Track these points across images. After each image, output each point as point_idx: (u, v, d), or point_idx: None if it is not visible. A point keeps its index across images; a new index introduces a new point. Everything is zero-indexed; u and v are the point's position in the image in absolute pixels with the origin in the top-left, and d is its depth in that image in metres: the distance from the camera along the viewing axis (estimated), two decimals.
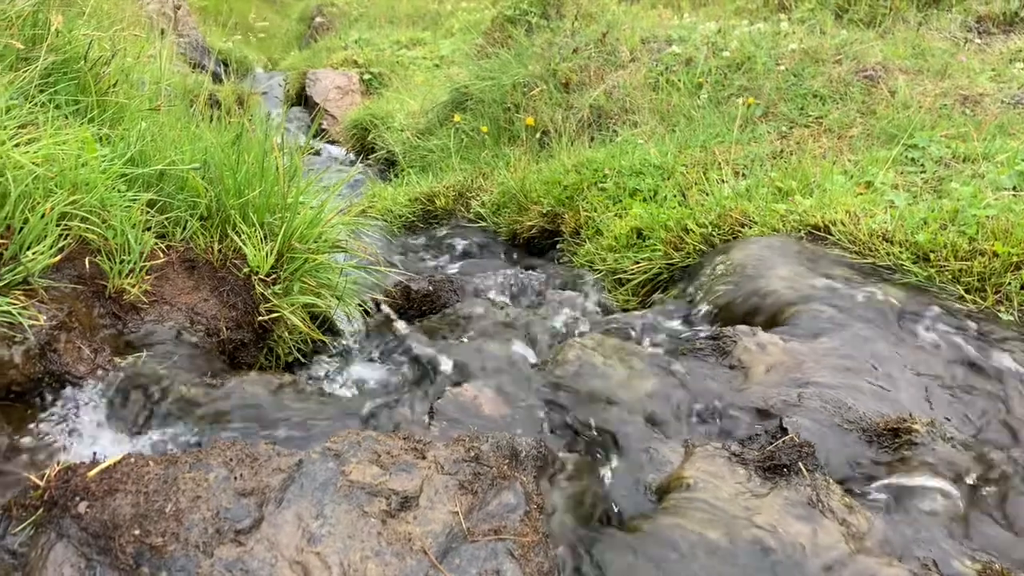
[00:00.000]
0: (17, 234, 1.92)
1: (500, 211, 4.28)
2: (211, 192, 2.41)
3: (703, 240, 3.09)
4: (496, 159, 4.77)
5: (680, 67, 4.84)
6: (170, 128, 2.71)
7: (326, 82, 8.37)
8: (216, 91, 7.71)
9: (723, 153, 3.79)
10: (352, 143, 6.90)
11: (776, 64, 4.42)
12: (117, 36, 2.79)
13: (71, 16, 2.71)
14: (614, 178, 3.82)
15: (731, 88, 4.43)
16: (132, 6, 9.08)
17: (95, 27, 2.89)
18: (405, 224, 4.53)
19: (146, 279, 2.17)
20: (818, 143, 3.73)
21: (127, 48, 2.82)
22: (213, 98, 7.37)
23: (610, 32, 5.30)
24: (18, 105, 2.21)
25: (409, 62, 8.67)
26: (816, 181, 3.27)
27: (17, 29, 2.41)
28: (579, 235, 3.73)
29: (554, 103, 4.95)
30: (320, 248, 2.45)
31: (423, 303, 3.08)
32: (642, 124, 4.50)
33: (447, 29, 11.96)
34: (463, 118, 5.53)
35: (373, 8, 14.97)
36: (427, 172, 5.32)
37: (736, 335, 2.32)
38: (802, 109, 4.00)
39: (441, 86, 7.16)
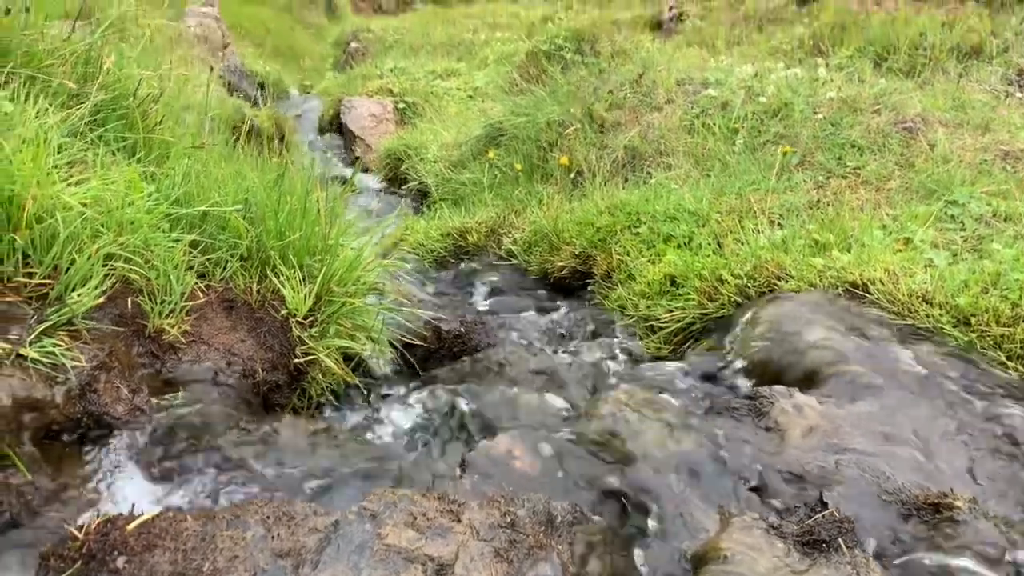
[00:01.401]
0: (64, 274, 1.94)
1: (532, 249, 4.29)
2: (252, 233, 2.43)
3: (738, 291, 3.07)
4: (529, 196, 4.79)
5: (716, 111, 4.84)
6: (214, 165, 2.74)
7: (361, 110, 8.46)
8: (254, 116, 7.81)
9: (759, 201, 3.77)
10: (385, 172, 6.96)
11: (814, 112, 4.41)
12: (164, 74, 2.83)
13: (122, 51, 2.76)
14: (648, 222, 3.82)
15: (767, 134, 4.42)
16: (175, 28, 9.27)
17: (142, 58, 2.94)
18: (437, 259, 4.55)
19: (185, 320, 2.19)
20: (855, 195, 3.71)
21: (173, 83, 2.87)
22: (252, 125, 7.47)
23: (646, 73, 5.32)
24: (69, 144, 2.25)
25: (443, 92, 8.75)
26: (854, 235, 3.24)
27: (70, 67, 2.46)
28: (611, 278, 3.72)
29: (588, 142, 4.96)
30: (358, 291, 2.46)
31: (455, 344, 3.08)
32: (676, 167, 4.50)
33: (481, 59, 12.08)
34: (496, 153, 5.56)
35: (408, 35, 15.17)
36: (459, 206, 5.35)
37: (773, 396, 2.29)
38: (839, 159, 3.98)
39: (475, 119, 7.21)
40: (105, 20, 2.79)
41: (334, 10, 36.14)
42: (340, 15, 35.90)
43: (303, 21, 33.34)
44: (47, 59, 2.42)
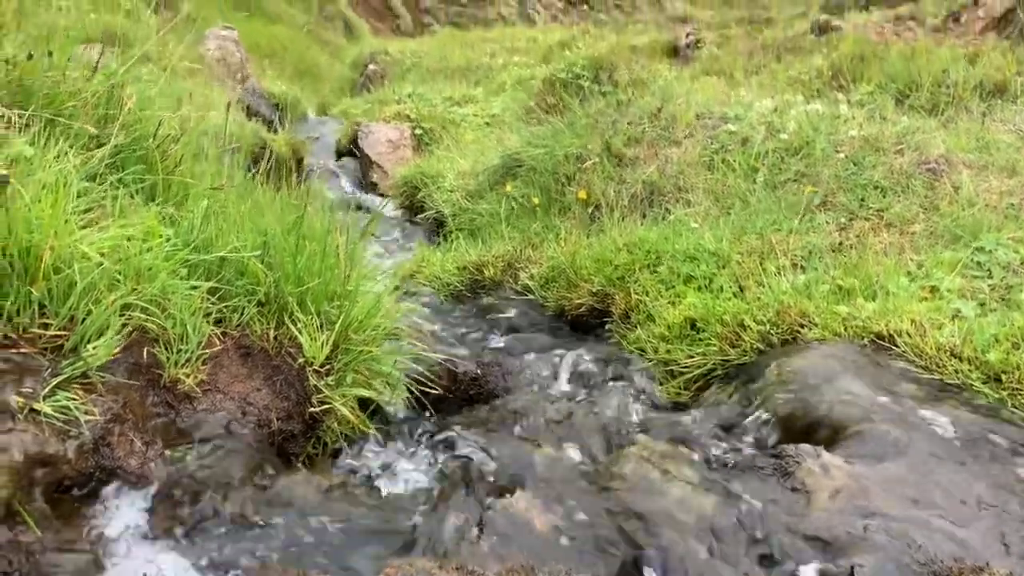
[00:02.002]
0: (80, 324, 1.92)
1: (548, 285, 4.24)
2: (270, 278, 2.40)
3: (760, 338, 3.01)
4: (546, 230, 4.76)
5: (736, 146, 4.80)
6: (233, 205, 2.72)
7: (378, 135, 8.48)
8: (271, 140, 7.83)
9: (781, 242, 3.73)
10: (402, 199, 6.95)
11: (835, 150, 4.36)
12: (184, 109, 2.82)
13: (143, 89, 2.75)
14: (667, 262, 3.78)
15: (788, 172, 4.38)
16: (194, 52, 9.33)
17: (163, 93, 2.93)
18: (453, 292, 4.52)
19: (201, 369, 2.15)
20: (879, 238, 3.65)
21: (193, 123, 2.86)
22: (269, 149, 7.49)
23: (665, 107, 5.30)
24: (88, 189, 2.23)
25: (460, 119, 8.76)
26: (878, 282, 3.19)
27: (91, 108, 2.45)
28: (629, 318, 3.68)
29: (606, 176, 4.93)
30: (376, 338, 2.43)
31: (471, 387, 3.04)
32: (696, 204, 4.46)
33: (499, 84, 12.11)
34: (514, 185, 5.54)
35: (426, 58, 15.25)
36: (476, 237, 5.32)
37: (799, 455, 2.23)
38: (862, 200, 3.93)
39: (492, 147, 7.20)
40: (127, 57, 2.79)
41: (352, 30, 36.48)
42: (358, 35, 36.24)
43: (321, 40, 33.64)
44: (68, 100, 2.41)
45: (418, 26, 39.36)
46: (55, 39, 2.57)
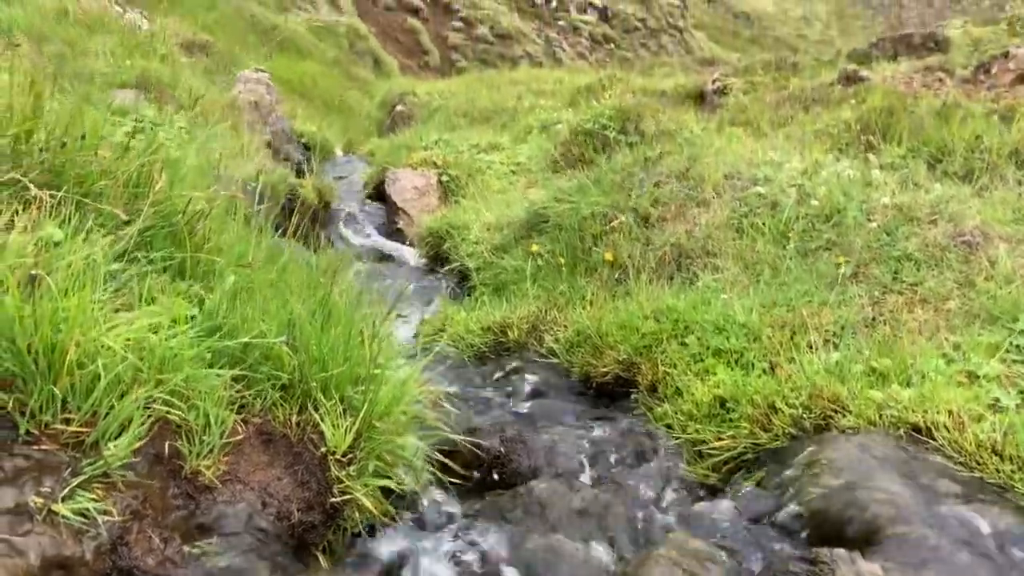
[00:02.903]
0: (102, 419, 1.89)
1: (574, 349, 4.19)
2: (294, 361, 2.38)
3: (792, 422, 2.94)
4: (571, 291, 4.72)
5: (765, 210, 4.75)
6: (259, 279, 2.71)
7: (404, 181, 8.52)
8: (299, 185, 7.89)
9: (812, 316, 3.66)
10: (427, 249, 6.95)
11: (867, 219, 4.30)
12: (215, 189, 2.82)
13: (173, 164, 2.76)
14: (696, 332, 3.72)
15: (819, 240, 4.32)
16: (226, 95, 9.47)
17: (193, 173, 2.94)
18: (477, 353, 4.48)
19: (222, 460, 2.12)
20: (913, 314, 3.58)
21: (223, 203, 2.86)
22: (295, 196, 7.55)
23: (692, 167, 5.27)
24: (116, 273, 2.23)
25: (486, 167, 8.79)
26: (914, 365, 3.11)
27: (122, 188, 2.46)
28: (657, 391, 3.61)
29: (633, 237, 4.89)
30: (400, 425, 2.39)
31: (494, 465, 2.98)
32: (724, 269, 4.40)
33: (524, 127, 12.16)
34: (539, 242, 5.52)
35: (453, 100, 15.38)
36: (500, 294, 5.29)
37: (834, 561, 2.15)
38: (896, 274, 3.85)
39: (517, 198, 7.21)
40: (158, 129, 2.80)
41: (381, 66, 37.01)
42: (387, 71, 36.75)
43: (350, 76, 34.14)
44: (100, 179, 2.42)
45: (446, 63, 39.85)
46: (88, 116, 2.58)
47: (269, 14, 33.41)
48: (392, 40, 39.19)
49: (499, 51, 40.97)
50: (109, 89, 7.39)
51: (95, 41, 8.03)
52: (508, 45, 41.71)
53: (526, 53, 42.38)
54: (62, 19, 8.35)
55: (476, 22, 41.77)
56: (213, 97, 8.78)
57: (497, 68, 40.60)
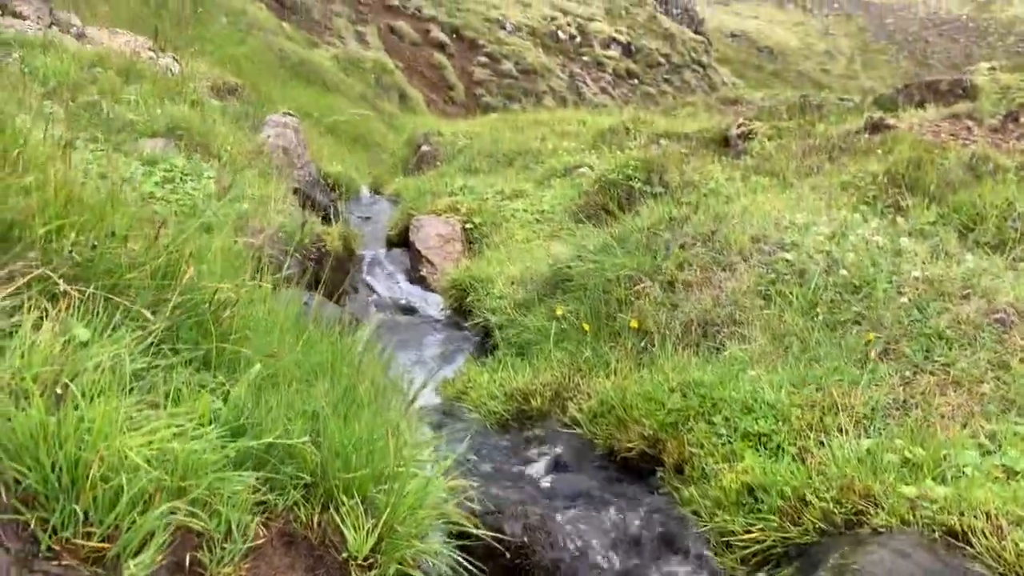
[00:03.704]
0: (124, 534, 1.88)
1: (597, 420, 4.15)
2: (317, 457, 2.35)
3: (823, 516, 2.87)
4: (595, 357, 4.67)
5: (792, 277, 4.70)
6: (284, 370, 2.70)
7: (429, 229, 8.55)
8: (325, 233, 7.93)
9: (842, 395, 3.59)
10: (450, 301, 6.94)
11: (897, 292, 4.24)
12: (241, 279, 2.82)
13: (201, 252, 2.76)
14: (723, 410, 3.66)
15: (848, 312, 4.26)
16: (255, 140, 9.58)
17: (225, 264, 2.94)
18: (499, 421, 4.44)
19: (242, 566, 2.09)
20: (946, 397, 3.50)
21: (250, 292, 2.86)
22: (321, 244, 7.59)
23: (719, 229, 5.23)
24: (141, 373, 2.22)
25: (510, 214, 8.80)
26: (948, 455, 3.03)
27: (150, 279, 2.46)
28: (683, 472, 3.55)
29: (658, 302, 4.85)
30: (423, 527, 2.35)
31: (517, 556, 2.93)
32: (751, 340, 4.35)
33: (548, 169, 12.20)
34: (563, 300, 5.49)
35: (477, 140, 15.48)
36: (523, 354, 5.26)
37: None
38: (927, 353, 3.78)
39: (541, 252, 7.20)
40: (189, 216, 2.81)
41: (407, 100, 37.45)
42: (412, 105, 37.16)
43: (376, 110, 34.54)
44: (128, 272, 2.42)
45: (470, 97, 40.24)
46: (118, 209, 2.60)
47: (298, 48, 33.99)
48: (418, 75, 39.66)
49: (523, 86, 41.34)
50: (140, 138, 7.51)
51: (128, 89, 8.17)
52: (532, 80, 42.07)
53: (550, 88, 42.72)
54: (97, 66, 8.50)
55: (501, 58, 42.19)
56: (242, 143, 8.89)
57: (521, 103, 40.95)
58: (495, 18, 44.08)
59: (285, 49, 32.41)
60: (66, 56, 8.24)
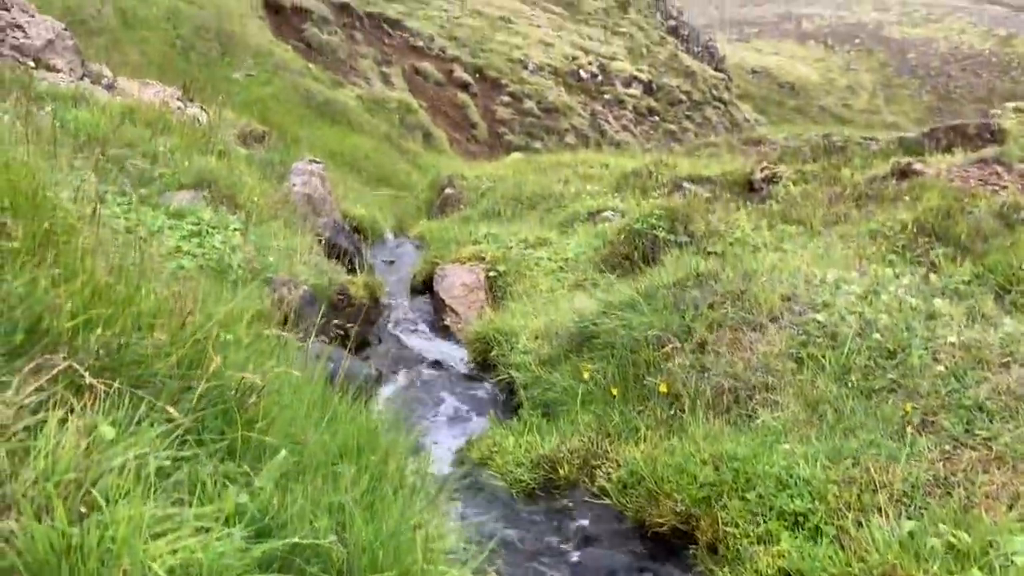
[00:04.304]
0: None
1: (627, 491, 4.06)
2: (343, 554, 2.30)
3: None
4: (624, 422, 4.59)
5: (824, 339, 4.61)
6: (310, 458, 2.66)
7: (453, 279, 8.54)
8: (350, 283, 7.93)
9: (880, 471, 3.48)
10: (474, 354, 6.89)
11: (933, 358, 4.13)
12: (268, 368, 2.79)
13: (228, 345, 2.74)
14: (758, 485, 3.56)
15: (883, 380, 4.16)
16: (279, 191, 9.66)
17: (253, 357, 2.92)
18: (525, 490, 4.36)
19: None
20: (989, 475, 3.38)
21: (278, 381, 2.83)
22: (346, 294, 7.59)
23: (748, 288, 5.16)
24: (166, 470, 2.18)
25: (534, 263, 8.77)
26: (994, 540, 2.92)
27: (176, 367, 2.43)
28: (717, 551, 3.45)
29: (688, 365, 4.77)
30: None
31: None
32: (784, 406, 4.25)
33: (571, 213, 12.20)
34: (589, 357, 5.42)
35: (500, 183, 15.54)
36: (549, 415, 5.19)
37: None
38: (967, 425, 3.67)
39: (565, 303, 7.15)
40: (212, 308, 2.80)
41: (430, 139, 37.85)
42: (436, 143, 37.53)
43: (400, 149, 34.93)
44: (153, 363, 2.40)
45: (493, 136, 40.59)
46: (144, 299, 2.58)
47: (324, 89, 34.51)
48: (441, 114, 40.10)
49: (545, 124, 41.66)
50: (168, 191, 7.59)
51: (157, 141, 8.27)
52: (554, 119, 42.39)
53: (572, 126, 43.02)
54: (127, 118, 8.63)
55: (523, 97, 42.58)
56: (268, 192, 8.97)
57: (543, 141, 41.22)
58: (518, 58, 44.58)
59: (311, 90, 32.93)
60: (96, 109, 8.38)
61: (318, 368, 3.61)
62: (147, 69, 26.90)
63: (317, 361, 4.73)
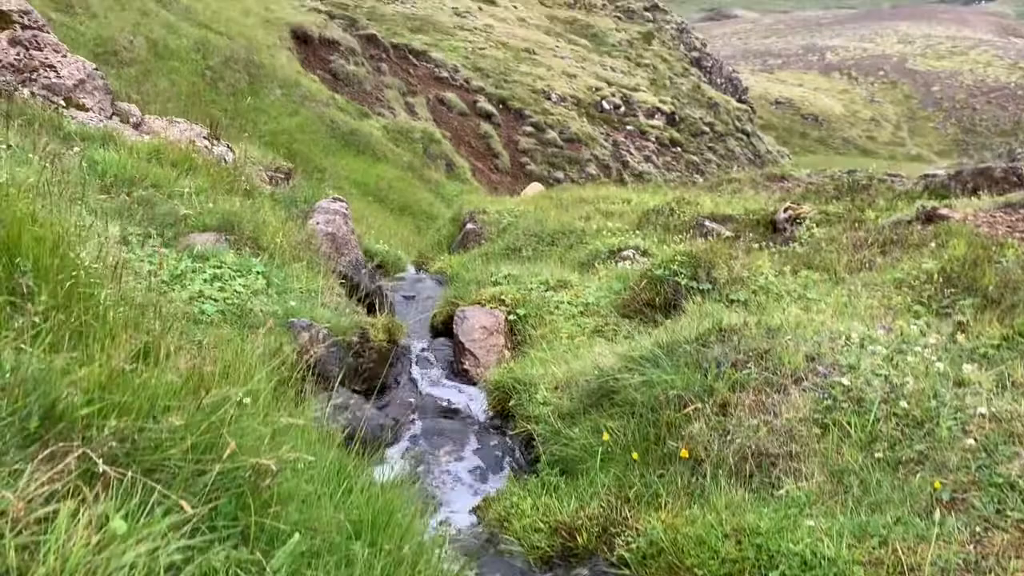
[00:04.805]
0: None
1: (647, 562, 3.98)
2: None
3: None
4: (644, 486, 4.51)
5: (849, 405, 4.52)
6: (323, 537, 2.62)
7: (473, 322, 8.51)
8: (370, 326, 7.92)
9: (907, 552, 3.39)
10: (492, 403, 6.84)
11: (963, 430, 4.04)
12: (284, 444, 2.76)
13: (243, 431, 2.71)
14: (782, 564, 3.47)
15: (910, 451, 4.06)
16: (303, 231, 9.70)
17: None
18: (543, 557, 4.29)
19: None
20: (1022, 560, 3.28)
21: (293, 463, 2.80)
22: (365, 337, 7.58)
23: (772, 348, 5.08)
24: (178, 563, 2.15)
25: (554, 306, 8.73)
26: None
27: (190, 452, 2.41)
28: None
29: (710, 427, 4.69)
30: None
31: None
32: (808, 475, 4.16)
33: (592, 250, 12.16)
34: (609, 414, 5.36)
35: (522, 219, 15.55)
36: (568, 472, 5.12)
37: None
38: (999, 505, 3.56)
39: (586, 350, 7.10)
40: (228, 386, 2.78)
41: (453, 169, 38.09)
42: (459, 173, 37.74)
43: (423, 179, 35.16)
44: (167, 448, 2.38)
45: (516, 165, 40.78)
46: (160, 383, 2.57)
47: (349, 119, 34.87)
48: (465, 144, 40.38)
49: (567, 155, 41.82)
50: (192, 233, 7.65)
51: (182, 182, 8.36)
52: (576, 149, 42.56)
53: (593, 157, 43.14)
54: (153, 158, 8.73)
55: (546, 127, 42.81)
56: (291, 233, 9.01)
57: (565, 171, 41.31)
58: (541, 89, 44.89)
59: (336, 120, 33.31)
60: (124, 150, 8.49)
61: (335, 435, 3.58)
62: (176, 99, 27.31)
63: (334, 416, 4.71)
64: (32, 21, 9.35)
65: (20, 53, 9.13)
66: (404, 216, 31.47)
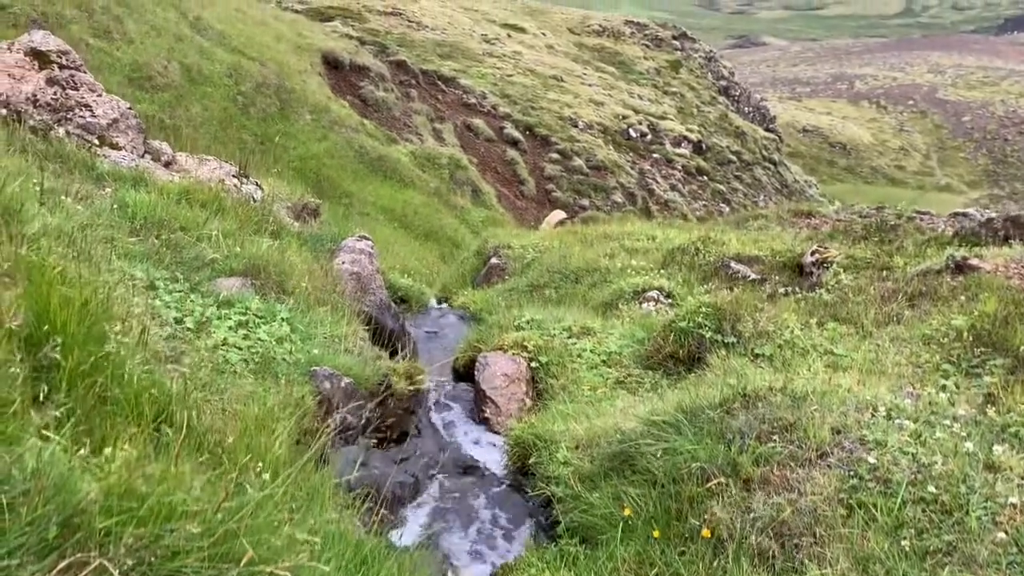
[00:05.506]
0: None
1: None
2: None
3: None
4: (665, 564, 4.45)
5: (876, 485, 4.43)
6: None
7: (495, 368, 8.49)
8: (392, 371, 7.93)
9: None
10: (512, 459, 6.80)
11: (993, 521, 3.94)
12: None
13: (258, 526, 2.71)
14: None
15: (938, 540, 3.97)
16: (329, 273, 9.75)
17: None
18: None
19: None
20: None
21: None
22: (387, 383, 7.59)
23: (798, 421, 5.01)
24: None
25: (577, 354, 8.70)
26: None
27: (208, 560, 2.41)
28: None
29: (732, 503, 4.63)
30: None
31: None
32: (832, 562, 4.08)
33: (616, 290, 12.12)
34: (631, 481, 5.30)
35: (546, 255, 15.56)
36: (587, 541, 5.07)
37: None
38: None
39: (607, 404, 7.05)
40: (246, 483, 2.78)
41: (479, 195, 38.26)
42: (484, 199, 37.88)
43: (449, 204, 35.35)
44: (185, 555, 2.38)
45: (541, 192, 40.87)
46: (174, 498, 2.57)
47: (377, 145, 35.19)
48: (491, 170, 40.56)
49: (593, 182, 41.86)
50: (219, 277, 7.71)
51: (210, 224, 8.44)
52: (602, 176, 42.59)
53: (619, 184, 43.13)
54: (183, 199, 8.84)
55: (572, 154, 42.92)
56: (316, 275, 9.06)
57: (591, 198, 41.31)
58: (568, 116, 45.07)
59: (365, 145, 33.61)
60: (155, 191, 8.60)
61: (355, 503, 3.56)
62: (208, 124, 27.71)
63: (357, 480, 4.71)
64: (70, 61, 9.54)
65: (57, 92, 9.31)
66: (429, 242, 31.63)
